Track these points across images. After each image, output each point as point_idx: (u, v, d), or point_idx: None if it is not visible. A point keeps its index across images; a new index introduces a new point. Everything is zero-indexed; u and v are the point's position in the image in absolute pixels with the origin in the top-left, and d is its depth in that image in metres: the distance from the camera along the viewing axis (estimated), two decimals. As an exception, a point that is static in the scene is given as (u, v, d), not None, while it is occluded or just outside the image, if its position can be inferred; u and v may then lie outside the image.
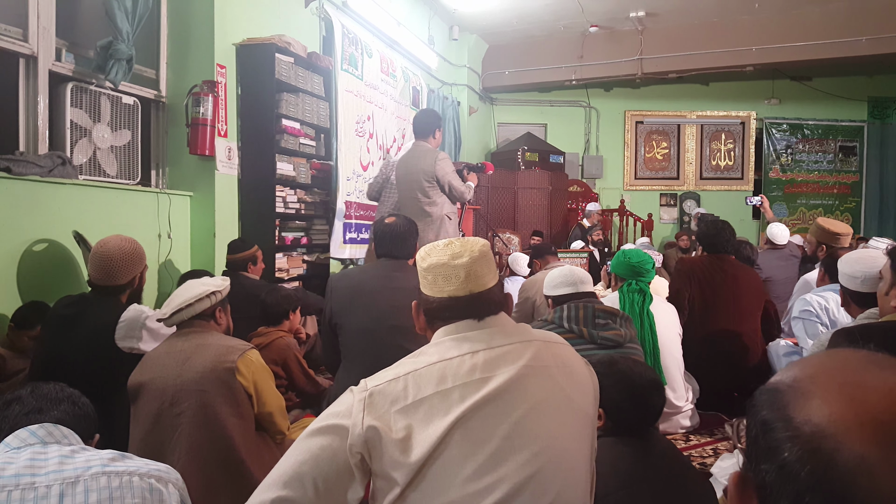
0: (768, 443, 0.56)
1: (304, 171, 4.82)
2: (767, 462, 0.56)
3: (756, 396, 0.61)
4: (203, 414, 2.06)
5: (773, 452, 0.55)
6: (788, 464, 0.54)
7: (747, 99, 10.26)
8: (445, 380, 1.24)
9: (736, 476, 0.62)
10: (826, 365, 0.59)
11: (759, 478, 0.57)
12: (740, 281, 3.66)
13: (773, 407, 0.58)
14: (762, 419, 0.58)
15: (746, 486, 0.60)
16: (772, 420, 0.57)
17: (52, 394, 1.36)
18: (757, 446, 0.58)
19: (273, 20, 4.74)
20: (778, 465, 0.55)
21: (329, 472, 1.18)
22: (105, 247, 2.55)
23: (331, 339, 2.68)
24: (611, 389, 1.70)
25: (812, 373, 0.59)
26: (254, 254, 3.85)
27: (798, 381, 0.58)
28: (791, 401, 0.57)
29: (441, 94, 8.01)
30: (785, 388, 0.59)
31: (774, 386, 0.60)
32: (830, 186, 10.32)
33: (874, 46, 7.84)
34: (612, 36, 8.88)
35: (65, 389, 1.40)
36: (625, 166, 10.50)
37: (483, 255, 1.39)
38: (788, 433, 0.55)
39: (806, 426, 0.54)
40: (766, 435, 0.57)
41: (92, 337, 2.47)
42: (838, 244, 3.84)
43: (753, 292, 3.70)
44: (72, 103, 3.49)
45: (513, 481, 1.18)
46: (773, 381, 0.61)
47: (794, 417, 0.55)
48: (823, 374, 0.58)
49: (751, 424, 0.61)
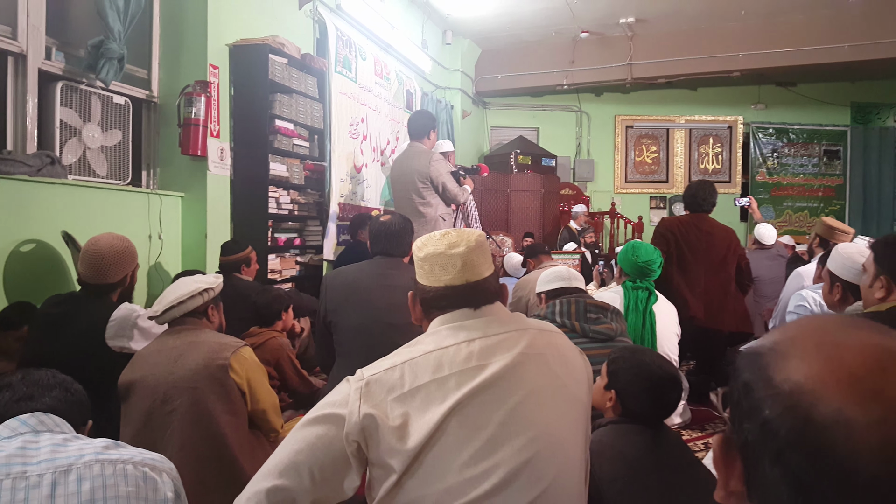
0: (749, 403, 0.58)
1: (297, 172, 4.81)
2: (749, 422, 0.57)
3: (738, 360, 0.63)
4: (195, 411, 2.04)
5: (754, 412, 0.57)
6: (769, 421, 0.55)
7: (734, 104, 10.36)
8: (442, 367, 1.24)
9: (720, 438, 0.63)
10: (804, 328, 0.61)
11: (742, 438, 0.59)
12: (715, 237, 4.05)
13: (753, 369, 0.59)
14: (744, 381, 0.60)
15: (730, 448, 0.62)
16: (752, 381, 0.59)
17: (43, 380, 1.34)
18: (739, 408, 0.60)
19: (267, 21, 4.74)
20: (759, 423, 0.56)
21: (325, 461, 1.18)
22: (96, 244, 2.53)
23: (325, 337, 2.67)
24: (630, 377, 1.71)
25: (791, 335, 0.60)
26: (247, 255, 3.83)
27: (778, 344, 0.60)
28: (771, 362, 0.58)
29: (434, 97, 8.03)
30: (765, 350, 0.60)
31: (755, 350, 0.62)
32: (816, 189, 10.42)
33: (856, 53, 7.94)
34: (602, 41, 8.94)
35: (56, 375, 1.38)
36: (615, 170, 10.56)
37: (479, 245, 1.39)
38: (768, 392, 0.56)
39: (785, 384, 0.55)
40: (747, 396, 0.59)
41: (82, 336, 2.44)
42: (834, 240, 3.87)
43: (727, 247, 4.07)
44: (62, 102, 3.47)
45: (509, 466, 1.19)
46: (755, 344, 0.63)
47: (773, 377, 0.57)
48: (802, 336, 0.59)
49: (733, 387, 0.62)
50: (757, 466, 0.57)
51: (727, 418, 0.63)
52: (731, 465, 0.61)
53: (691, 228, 4.06)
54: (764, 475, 0.56)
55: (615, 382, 1.75)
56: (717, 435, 0.65)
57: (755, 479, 0.58)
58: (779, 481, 0.54)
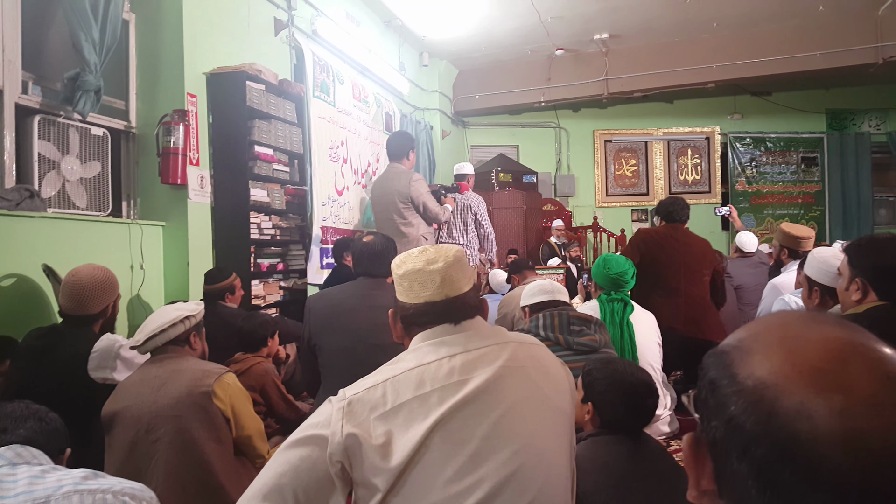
0: (716, 400, 0.59)
1: (278, 197, 4.81)
2: (716, 419, 0.58)
3: (704, 360, 0.63)
4: (180, 440, 2.03)
5: (721, 408, 0.57)
6: (735, 417, 0.56)
7: (711, 115, 10.50)
8: (424, 384, 1.25)
9: (690, 437, 0.64)
10: (768, 324, 0.62)
11: (710, 435, 0.59)
12: (692, 247, 4.04)
13: (718, 367, 0.60)
14: (710, 379, 0.61)
15: (700, 447, 0.62)
16: (718, 378, 0.59)
17: (16, 412, 1.33)
18: (706, 406, 0.61)
19: (243, 49, 4.76)
20: (725, 420, 0.57)
21: (309, 483, 1.18)
22: (77, 276, 2.52)
23: (310, 360, 2.66)
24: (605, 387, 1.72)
25: (754, 332, 0.61)
26: (231, 283, 3.81)
27: (742, 341, 0.61)
28: (735, 359, 0.59)
29: (414, 118, 8.07)
30: (730, 348, 0.61)
31: (721, 348, 0.63)
32: (795, 196, 10.54)
33: (828, 60, 8.09)
34: (577, 58, 9.05)
35: (30, 406, 1.37)
36: (596, 184, 10.64)
37: (458, 261, 1.41)
38: (733, 388, 0.57)
39: (749, 380, 0.56)
40: (713, 393, 0.59)
41: (64, 368, 2.42)
42: (801, 248, 3.91)
43: (703, 256, 4.06)
44: (39, 136, 3.46)
45: (493, 480, 1.19)
46: (721, 344, 0.64)
47: (738, 374, 0.58)
48: (765, 333, 0.61)
49: (700, 386, 0.63)
50: (726, 463, 0.57)
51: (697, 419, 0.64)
52: (702, 463, 0.62)
53: (667, 238, 4.08)
54: (732, 471, 0.56)
55: (591, 394, 1.76)
56: (686, 434, 0.66)
57: (725, 476, 0.58)
58: (746, 476, 0.54)
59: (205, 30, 4.37)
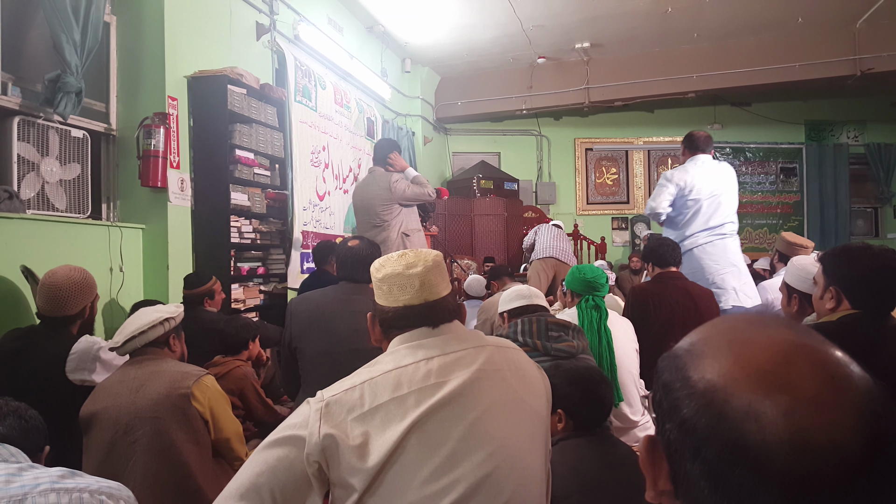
0: (669, 403, 0.60)
1: (259, 201, 4.81)
2: (670, 421, 0.60)
3: (659, 363, 0.65)
4: (158, 441, 2.03)
5: (674, 411, 0.59)
6: (687, 419, 0.57)
7: (691, 124, 10.47)
8: (401, 386, 1.26)
9: (646, 439, 0.66)
10: (717, 328, 0.64)
11: (665, 437, 0.61)
12: (696, 297, 3.65)
13: (672, 370, 0.62)
14: (664, 382, 0.63)
15: (656, 447, 0.64)
16: (671, 381, 0.61)
17: None
18: (661, 408, 0.63)
19: (224, 53, 4.76)
20: (678, 421, 0.58)
21: (286, 483, 1.19)
22: (53, 277, 2.51)
23: (290, 363, 2.66)
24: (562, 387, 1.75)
25: (705, 336, 0.63)
26: (210, 287, 3.80)
27: (693, 345, 0.63)
28: (687, 362, 0.61)
29: (395, 124, 8.10)
30: (682, 352, 0.63)
31: (674, 352, 0.65)
32: (774, 206, 10.68)
33: (807, 72, 8.23)
34: (559, 67, 9.12)
35: (9, 403, 1.37)
36: (577, 192, 10.72)
37: (436, 265, 1.43)
38: (685, 391, 0.59)
39: (700, 383, 0.58)
40: (667, 396, 0.61)
41: (42, 370, 2.41)
42: (795, 255, 3.91)
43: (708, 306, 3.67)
44: (19, 137, 3.44)
45: (469, 481, 1.21)
46: (675, 347, 0.65)
47: (690, 376, 0.59)
48: (715, 336, 0.62)
49: (655, 389, 0.65)
50: (680, 464, 0.59)
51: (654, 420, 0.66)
52: (659, 464, 0.63)
53: (668, 287, 3.62)
54: (686, 472, 0.58)
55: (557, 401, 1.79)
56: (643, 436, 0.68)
57: (679, 477, 0.60)
58: (699, 476, 0.56)
59: (186, 33, 4.37)
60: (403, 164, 4.54)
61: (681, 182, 4.25)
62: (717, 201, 4.31)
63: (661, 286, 3.68)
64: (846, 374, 0.56)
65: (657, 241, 3.88)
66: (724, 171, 4.40)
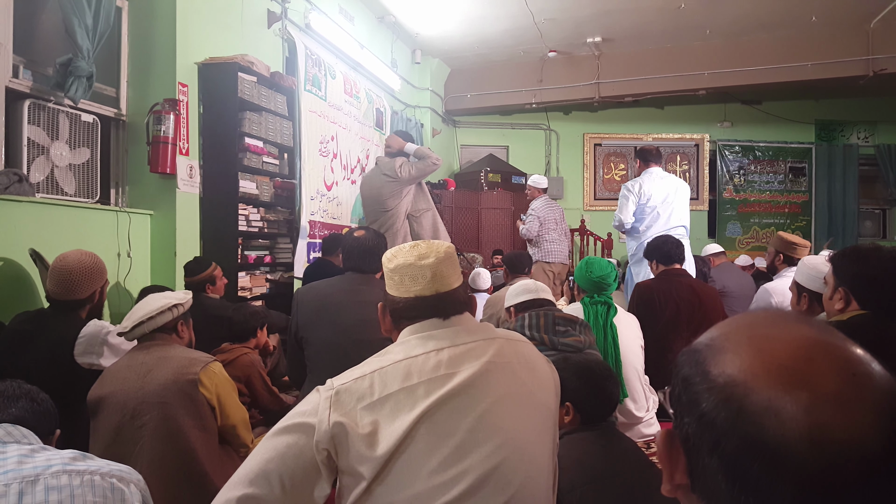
0: (689, 397, 0.61)
1: (267, 190, 4.81)
2: (689, 415, 0.60)
3: (679, 358, 0.65)
4: (165, 426, 2.04)
5: (693, 405, 0.59)
6: (706, 413, 0.58)
7: (700, 122, 10.56)
8: (411, 376, 1.27)
9: (664, 433, 0.66)
10: (739, 324, 0.64)
11: (683, 431, 0.61)
12: (701, 295, 3.66)
13: (692, 364, 0.62)
14: (683, 376, 0.63)
15: (673, 441, 0.64)
16: (691, 376, 0.61)
17: (8, 391, 1.34)
18: (680, 402, 0.63)
19: (235, 40, 4.75)
20: (697, 415, 0.59)
21: (295, 470, 1.20)
22: (65, 261, 2.52)
23: (297, 353, 2.67)
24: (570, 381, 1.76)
25: (726, 331, 0.63)
26: (211, 273, 3.78)
27: (714, 340, 0.63)
28: (708, 357, 0.61)
29: (404, 115, 8.08)
30: (703, 347, 0.63)
31: (694, 347, 0.64)
32: (782, 206, 10.63)
33: (818, 71, 8.17)
34: (570, 61, 9.08)
35: (22, 386, 1.38)
36: (584, 187, 10.69)
37: (448, 256, 1.43)
38: (705, 386, 0.59)
39: (720, 378, 0.58)
40: (686, 390, 0.61)
41: (50, 353, 2.42)
42: (796, 255, 3.91)
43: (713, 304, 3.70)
44: (29, 121, 3.44)
45: (477, 473, 1.21)
46: (694, 342, 0.65)
47: (710, 371, 0.60)
48: (736, 332, 0.62)
49: (674, 383, 0.65)
50: (697, 458, 0.59)
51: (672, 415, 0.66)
52: (676, 458, 0.64)
53: (673, 284, 3.66)
54: (703, 466, 0.58)
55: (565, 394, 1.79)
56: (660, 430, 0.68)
57: (697, 471, 0.60)
58: (716, 470, 0.56)
59: (198, 19, 4.36)
60: (400, 143, 4.56)
61: (639, 193, 4.84)
62: (670, 207, 4.89)
63: (665, 283, 3.71)
64: (867, 372, 0.56)
65: (661, 238, 3.96)
66: (674, 181, 5.03)
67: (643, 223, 4.90)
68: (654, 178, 4.93)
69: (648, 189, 4.86)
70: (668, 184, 4.94)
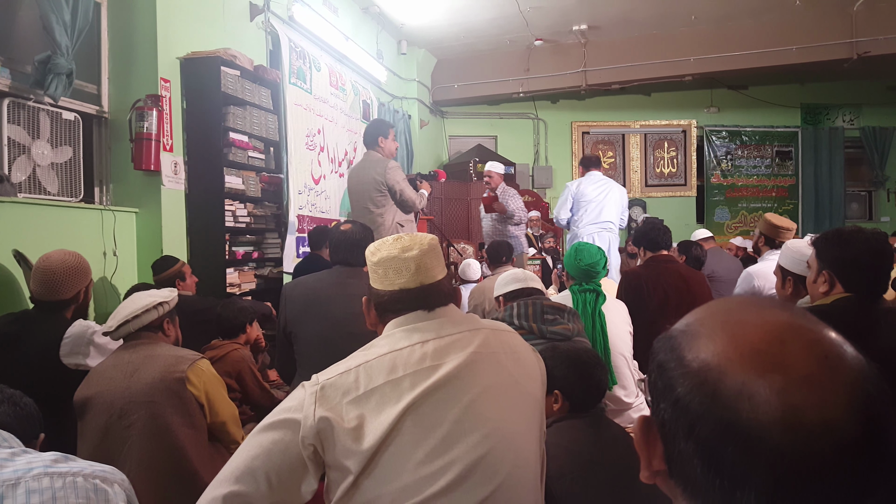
0: (664, 382, 0.61)
1: (253, 185, 4.78)
2: (664, 401, 0.60)
3: (654, 344, 0.66)
4: (153, 425, 2.03)
5: (668, 390, 0.60)
6: (681, 398, 0.58)
7: (687, 108, 10.59)
8: (396, 369, 1.26)
9: (641, 419, 0.66)
10: (713, 309, 0.64)
11: (660, 417, 0.61)
12: (689, 280, 3.68)
13: (667, 350, 0.63)
14: (659, 362, 0.63)
15: (650, 427, 0.64)
16: (666, 361, 0.62)
17: None
18: (656, 388, 0.63)
19: (218, 34, 4.71)
20: (672, 401, 0.59)
21: (282, 466, 1.19)
22: (48, 261, 2.49)
23: (286, 348, 2.66)
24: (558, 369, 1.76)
25: (701, 317, 0.64)
26: (179, 269, 3.69)
27: (689, 326, 0.63)
28: (682, 343, 0.61)
29: (392, 107, 8.05)
30: (678, 333, 0.63)
31: (669, 333, 0.65)
32: (769, 190, 10.69)
33: (804, 55, 8.19)
34: (556, 49, 9.07)
35: (4, 391, 1.36)
36: (573, 175, 10.68)
37: (432, 249, 1.42)
38: (680, 371, 0.59)
39: (694, 363, 0.58)
40: (661, 375, 0.62)
41: (36, 354, 2.40)
42: (780, 238, 3.90)
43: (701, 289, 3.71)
44: (9, 119, 3.40)
45: (464, 463, 1.21)
46: (670, 329, 0.66)
47: (684, 356, 0.60)
48: (710, 317, 0.63)
49: (651, 369, 0.65)
50: (674, 443, 0.59)
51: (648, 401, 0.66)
52: (653, 444, 0.64)
53: (661, 270, 3.67)
54: (680, 451, 0.58)
55: (553, 382, 1.79)
56: (637, 416, 0.68)
57: (673, 456, 0.60)
58: (692, 455, 0.57)
59: (178, 13, 4.31)
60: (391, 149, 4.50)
61: (576, 191, 5.74)
62: (601, 204, 5.68)
63: (653, 270, 3.72)
64: (839, 355, 0.56)
65: (648, 224, 4.00)
66: (609, 184, 5.82)
67: (578, 215, 5.75)
68: (592, 180, 5.77)
69: (584, 188, 5.73)
70: (601, 186, 5.76)
